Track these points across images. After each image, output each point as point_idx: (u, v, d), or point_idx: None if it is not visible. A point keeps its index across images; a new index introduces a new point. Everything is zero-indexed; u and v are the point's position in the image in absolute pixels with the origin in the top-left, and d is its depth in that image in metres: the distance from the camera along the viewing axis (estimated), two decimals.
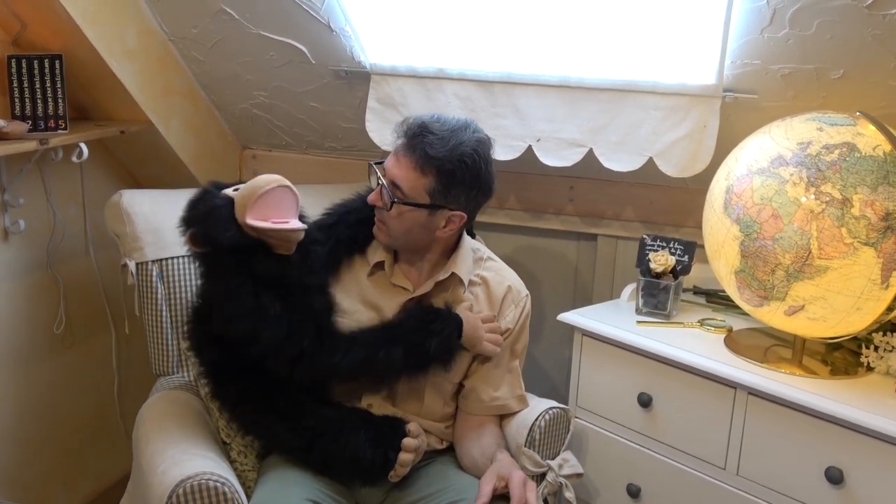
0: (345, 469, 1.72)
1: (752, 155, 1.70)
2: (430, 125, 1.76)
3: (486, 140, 1.82)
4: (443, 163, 1.74)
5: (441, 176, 1.75)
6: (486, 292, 1.90)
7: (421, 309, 1.81)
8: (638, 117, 2.06)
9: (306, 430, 1.72)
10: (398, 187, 1.76)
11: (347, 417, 1.74)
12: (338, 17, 2.13)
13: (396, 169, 1.77)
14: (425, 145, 1.74)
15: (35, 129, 2.10)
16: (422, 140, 1.74)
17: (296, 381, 1.72)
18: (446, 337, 1.76)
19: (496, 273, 1.93)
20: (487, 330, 1.83)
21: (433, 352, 1.75)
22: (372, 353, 1.73)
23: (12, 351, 2.28)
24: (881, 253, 1.56)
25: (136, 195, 2.12)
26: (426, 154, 1.74)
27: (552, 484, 1.83)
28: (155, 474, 1.64)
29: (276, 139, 2.62)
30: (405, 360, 1.75)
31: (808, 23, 1.75)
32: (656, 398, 1.87)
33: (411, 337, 1.75)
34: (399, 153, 1.78)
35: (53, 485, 2.46)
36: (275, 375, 1.71)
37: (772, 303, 1.67)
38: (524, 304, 1.93)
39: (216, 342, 1.75)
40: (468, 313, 1.83)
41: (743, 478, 1.74)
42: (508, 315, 1.90)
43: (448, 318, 1.78)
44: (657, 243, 2.06)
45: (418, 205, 1.76)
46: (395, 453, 1.70)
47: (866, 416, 1.56)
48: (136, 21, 2.21)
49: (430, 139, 1.74)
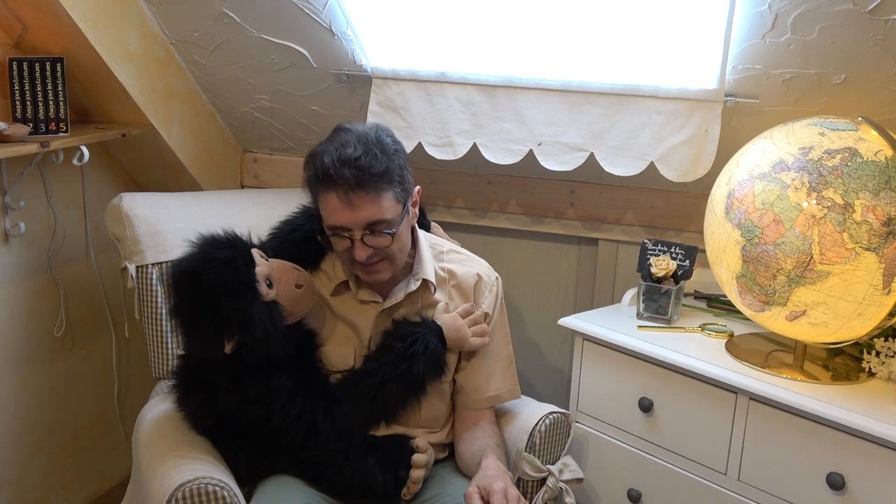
0: (357, 496, 1.71)
1: (753, 160, 1.70)
2: (346, 155, 1.62)
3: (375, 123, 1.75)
4: (390, 169, 1.65)
5: (393, 179, 1.67)
6: (457, 286, 1.87)
7: (397, 332, 1.76)
8: (639, 122, 2.06)
9: (311, 462, 1.71)
10: (381, 222, 1.66)
11: (350, 445, 1.71)
12: (339, 20, 2.13)
13: (363, 211, 1.63)
14: (367, 171, 1.61)
15: (36, 131, 2.10)
16: (358, 171, 1.61)
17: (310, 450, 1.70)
18: (432, 352, 1.74)
19: (461, 264, 1.90)
20: (470, 324, 1.80)
21: (423, 373, 1.73)
22: (371, 403, 1.73)
23: (12, 354, 2.28)
24: (883, 258, 1.56)
25: (137, 198, 2.12)
26: (375, 175, 1.62)
27: (552, 489, 1.82)
28: (154, 478, 1.63)
29: (277, 143, 2.62)
30: (402, 392, 1.74)
31: (809, 28, 1.75)
32: (657, 403, 1.87)
33: (399, 369, 1.72)
34: (349, 198, 1.62)
35: (53, 488, 2.46)
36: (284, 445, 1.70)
37: (773, 308, 1.67)
38: (496, 287, 1.90)
39: (210, 410, 1.73)
40: (445, 316, 1.80)
41: (744, 483, 1.74)
42: (484, 302, 1.87)
43: (427, 332, 1.75)
44: (658, 248, 2.06)
45: (402, 215, 1.70)
46: (406, 471, 1.70)
47: (868, 421, 1.55)
48: (138, 24, 2.21)
49: (363, 162, 1.61)
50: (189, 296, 1.63)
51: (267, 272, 1.67)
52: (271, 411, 1.66)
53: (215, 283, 1.60)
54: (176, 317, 1.67)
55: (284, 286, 1.68)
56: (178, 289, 1.65)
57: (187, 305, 1.64)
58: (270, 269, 1.68)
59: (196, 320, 1.63)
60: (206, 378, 1.70)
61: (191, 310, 1.64)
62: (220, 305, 1.59)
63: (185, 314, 1.65)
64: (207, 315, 1.61)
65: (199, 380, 1.73)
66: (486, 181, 2.44)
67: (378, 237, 1.67)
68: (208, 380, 1.70)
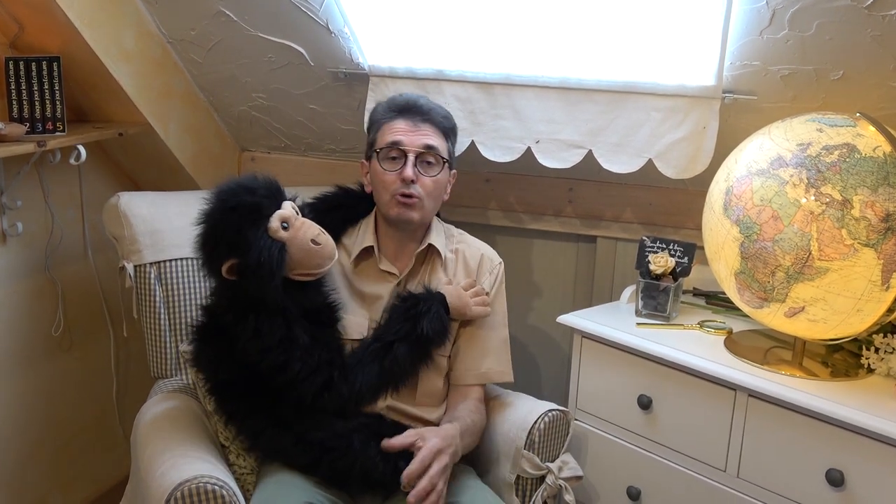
0: (355, 483, 1.72)
1: (751, 156, 1.70)
2: (410, 96, 1.95)
3: None
4: (450, 123, 1.95)
5: (450, 136, 1.94)
6: (462, 264, 1.96)
7: (402, 300, 1.84)
8: (637, 119, 2.06)
9: (314, 444, 1.71)
10: (435, 149, 1.87)
11: (356, 430, 1.73)
12: (336, 18, 2.13)
13: (425, 137, 1.87)
14: (435, 111, 1.91)
15: (33, 131, 2.10)
16: (428, 108, 1.90)
17: (319, 409, 1.73)
18: (435, 314, 1.80)
19: (468, 245, 2.01)
20: (472, 295, 1.88)
21: (427, 333, 1.78)
22: (381, 365, 1.77)
23: (10, 354, 2.28)
24: (881, 254, 1.56)
25: (135, 197, 2.11)
26: (441, 116, 1.92)
27: (552, 487, 1.83)
28: (153, 477, 1.63)
29: (274, 141, 2.61)
30: (409, 353, 1.79)
31: (807, 24, 1.75)
32: (656, 400, 1.87)
33: (403, 329, 1.78)
34: (416, 123, 1.88)
35: (52, 488, 2.46)
36: (295, 400, 1.72)
37: (772, 304, 1.67)
38: (498, 270, 1.99)
39: (224, 362, 1.75)
40: (447, 286, 1.88)
41: (743, 480, 1.74)
42: (485, 282, 1.96)
43: (431, 297, 1.83)
44: (657, 245, 2.06)
45: (447, 163, 1.90)
46: (406, 463, 1.70)
47: (867, 417, 1.55)
48: (134, 23, 2.21)
49: (432, 106, 1.93)
50: (207, 214, 1.71)
51: (286, 216, 1.71)
52: (289, 359, 1.69)
53: (228, 201, 1.68)
54: (195, 240, 1.73)
55: (301, 236, 1.72)
56: (204, 211, 1.72)
57: (203, 223, 1.71)
58: (293, 216, 1.73)
59: (207, 235, 1.71)
60: (226, 329, 1.73)
61: (204, 228, 1.71)
62: (226, 222, 1.67)
63: (202, 232, 1.72)
64: (213, 233, 1.69)
65: (218, 331, 1.75)
66: (485, 179, 2.44)
67: (426, 166, 1.87)
68: (228, 331, 1.72)
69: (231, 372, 1.75)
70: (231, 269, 1.68)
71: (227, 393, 1.78)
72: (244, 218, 1.67)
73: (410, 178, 1.84)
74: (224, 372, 1.76)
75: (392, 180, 1.85)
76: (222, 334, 1.74)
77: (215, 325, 1.78)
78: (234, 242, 1.66)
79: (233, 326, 1.71)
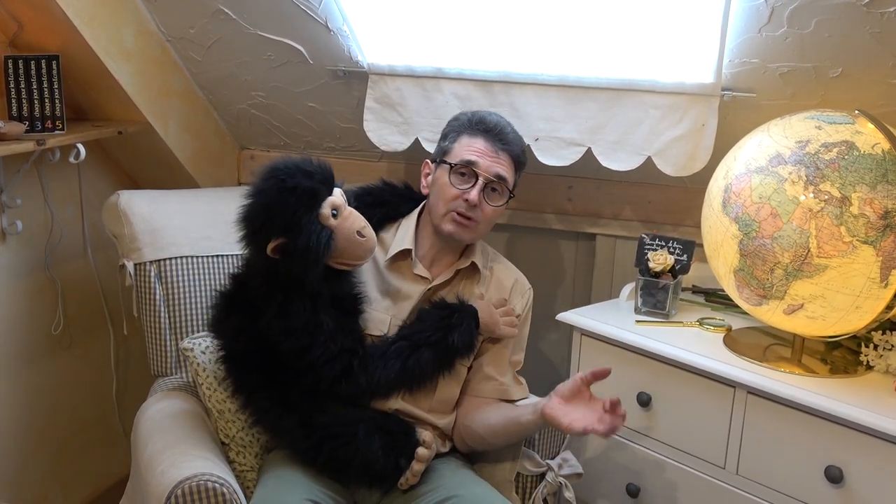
0: (354, 473, 1.72)
1: (750, 154, 1.70)
2: (499, 120, 1.88)
3: None
4: (522, 160, 1.92)
5: (520, 171, 1.92)
6: (496, 284, 1.95)
7: (436, 307, 1.84)
8: (636, 116, 2.06)
9: (318, 428, 1.72)
10: (505, 181, 1.85)
11: (362, 421, 1.73)
12: (335, 16, 2.13)
13: (500, 166, 1.84)
14: (516, 143, 1.88)
15: (32, 129, 2.10)
16: (513, 137, 1.88)
17: (333, 395, 1.73)
18: (466, 328, 1.80)
19: (504, 267, 2.00)
20: (502, 314, 1.88)
21: (456, 345, 1.78)
22: (403, 364, 1.76)
23: (10, 352, 2.28)
24: (880, 251, 1.56)
25: (134, 196, 2.11)
26: (520, 150, 1.89)
27: (552, 484, 1.83)
28: (154, 475, 1.63)
29: (273, 139, 2.61)
30: (434, 361, 1.79)
31: (806, 21, 1.75)
32: (655, 398, 1.87)
33: (434, 336, 1.78)
34: (497, 149, 1.85)
35: (52, 486, 2.46)
36: (312, 383, 1.72)
37: (771, 302, 1.67)
38: (528, 296, 1.99)
39: (245, 332, 1.75)
40: (481, 302, 1.88)
41: (742, 477, 1.74)
42: (517, 305, 1.95)
43: (464, 310, 1.82)
44: (656, 242, 2.06)
45: (510, 195, 1.88)
46: (407, 461, 1.71)
47: (866, 414, 1.56)
48: (134, 21, 2.21)
49: (513, 137, 1.88)
50: (261, 189, 1.69)
51: (338, 203, 1.72)
52: (314, 342, 1.69)
53: (287, 181, 1.67)
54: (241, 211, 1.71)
55: (348, 226, 1.71)
56: (257, 186, 1.70)
57: (255, 198, 1.70)
58: (343, 205, 1.73)
59: (259, 209, 1.69)
60: (254, 302, 1.73)
61: (255, 202, 1.69)
62: (282, 200, 1.66)
63: (253, 205, 1.70)
64: (265, 210, 1.67)
65: (243, 301, 1.75)
66: None
67: (492, 193, 1.85)
68: (256, 304, 1.73)
69: (249, 343, 1.75)
70: (276, 249, 1.67)
71: (241, 363, 1.77)
72: (301, 201, 1.66)
73: (474, 203, 1.82)
74: (242, 342, 1.76)
75: (455, 196, 1.83)
76: (247, 305, 1.74)
77: (242, 296, 1.77)
78: (286, 223, 1.66)
79: (263, 301, 1.72)
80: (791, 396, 1.64)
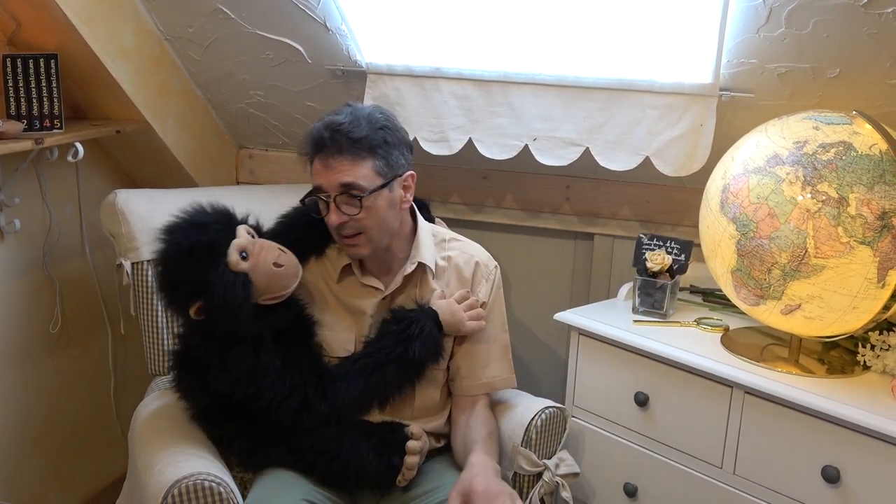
0: (352, 482, 1.72)
1: (748, 154, 1.70)
2: (334, 121, 1.72)
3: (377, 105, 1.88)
4: (370, 138, 1.72)
5: (377, 150, 1.73)
6: (455, 272, 1.89)
7: (395, 318, 1.79)
8: (634, 116, 2.06)
9: (306, 451, 1.72)
10: (353, 186, 1.71)
11: (346, 431, 1.73)
12: (334, 16, 2.13)
13: (338, 174, 1.71)
14: (346, 135, 1.70)
15: (30, 128, 2.10)
16: (339, 135, 1.70)
17: (300, 428, 1.71)
18: (427, 335, 1.76)
19: (461, 251, 1.92)
20: (466, 308, 1.83)
21: (419, 356, 1.75)
22: (366, 382, 1.74)
23: (8, 351, 2.28)
24: (877, 252, 1.56)
25: (132, 195, 2.11)
26: (353, 140, 1.70)
27: (549, 483, 1.83)
28: (151, 474, 1.63)
29: (272, 139, 2.61)
30: (399, 374, 1.76)
31: (804, 21, 1.75)
32: (653, 397, 1.87)
33: (395, 351, 1.74)
34: (328, 161, 1.71)
35: (50, 485, 2.46)
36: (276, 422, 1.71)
37: (768, 302, 1.67)
38: (494, 275, 1.92)
39: (204, 389, 1.74)
40: (441, 301, 1.82)
41: (739, 477, 1.74)
42: (481, 290, 1.90)
43: (423, 316, 1.77)
44: (654, 242, 2.06)
45: (379, 187, 1.73)
46: (400, 458, 1.70)
47: (863, 414, 1.56)
48: (132, 20, 2.21)
49: (345, 128, 1.70)
50: (163, 258, 1.67)
51: (244, 244, 1.67)
52: (261, 389, 1.67)
53: (182, 243, 1.64)
54: (157, 280, 1.71)
55: (262, 262, 1.68)
56: (160, 251, 1.68)
57: (161, 266, 1.68)
58: (250, 243, 1.69)
59: (166, 279, 1.68)
60: (200, 359, 1.71)
61: (161, 272, 1.69)
62: (184, 265, 1.63)
63: (161, 275, 1.69)
64: (170, 280, 1.66)
65: (194, 360, 1.74)
66: (482, 176, 2.44)
67: (349, 204, 1.72)
68: (202, 361, 1.71)
69: (211, 398, 1.74)
70: (199, 311, 1.65)
71: (211, 419, 1.77)
72: (201, 258, 1.62)
73: (335, 224, 1.73)
74: (204, 399, 1.75)
75: (330, 223, 1.76)
76: (196, 363, 1.73)
77: (190, 355, 1.76)
78: (196, 285, 1.62)
79: (204, 357, 1.70)
80: (788, 396, 1.64)
